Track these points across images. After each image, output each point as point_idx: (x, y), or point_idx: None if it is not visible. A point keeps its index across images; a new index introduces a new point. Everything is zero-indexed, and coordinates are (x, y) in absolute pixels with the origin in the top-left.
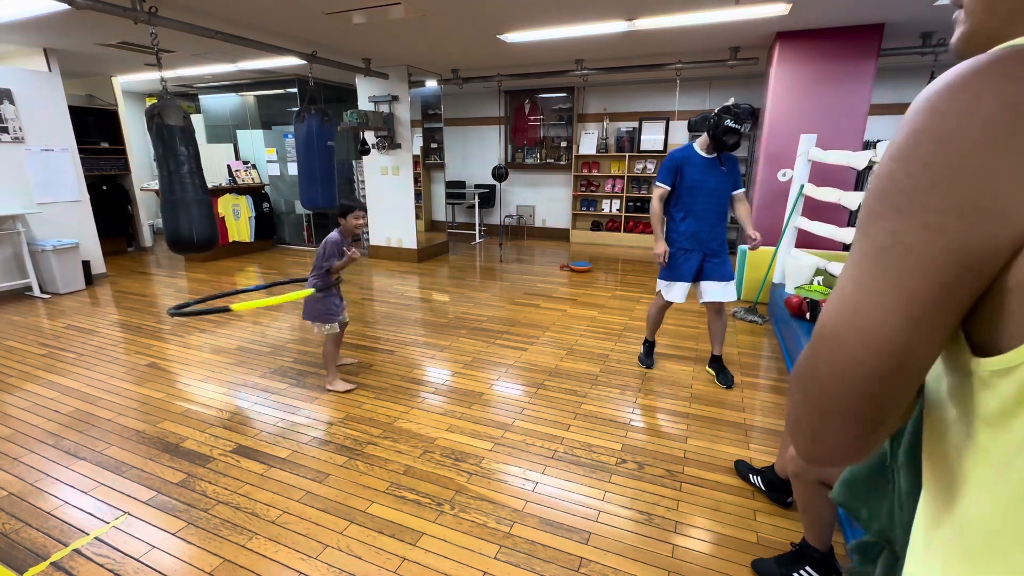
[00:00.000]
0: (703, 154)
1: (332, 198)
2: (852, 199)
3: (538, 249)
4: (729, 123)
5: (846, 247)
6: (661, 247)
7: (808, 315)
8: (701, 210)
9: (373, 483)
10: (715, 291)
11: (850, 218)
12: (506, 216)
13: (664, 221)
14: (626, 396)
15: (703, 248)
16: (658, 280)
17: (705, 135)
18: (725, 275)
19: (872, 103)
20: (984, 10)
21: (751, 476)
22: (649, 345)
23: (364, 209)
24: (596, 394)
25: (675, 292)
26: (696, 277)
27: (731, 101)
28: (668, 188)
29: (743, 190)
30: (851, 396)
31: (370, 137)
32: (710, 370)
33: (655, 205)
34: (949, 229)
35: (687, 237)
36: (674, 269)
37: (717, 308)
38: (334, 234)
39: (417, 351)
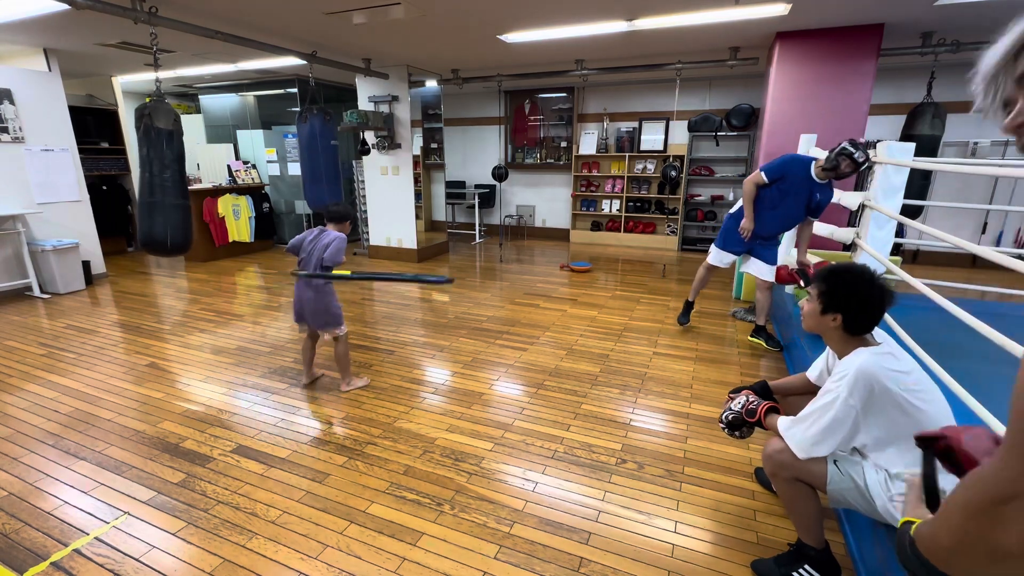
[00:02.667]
0: (814, 173)
1: (338, 197)
2: (852, 199)
3: (538, 249)
4: (846, 147)
5: (846, 247)
6: (749, 224)
7: (801, 283)
8: (778, 214)
9: (373, 483)
10: (756, 267)
11: (850, 218)
12: (506, 216)
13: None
14: (626, 396)
15: (755, 239)
16: (712, 246)
17: (825, 158)
18: (768, 258)
19: (872, 103)
20: None
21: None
22: (688, 305)
23: None
24: (596, 394)
25: (722, 258)
26: (747, 252)
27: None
28: (767, 182)
29: (815, 219)
30: None
31: (370, 137)
32: (758, 339)
33: (749, 188)
34: None
35: (760, 234)
36: (729, 243)
37: (761, 285)
38: (342, 235)
39: (417, 351)
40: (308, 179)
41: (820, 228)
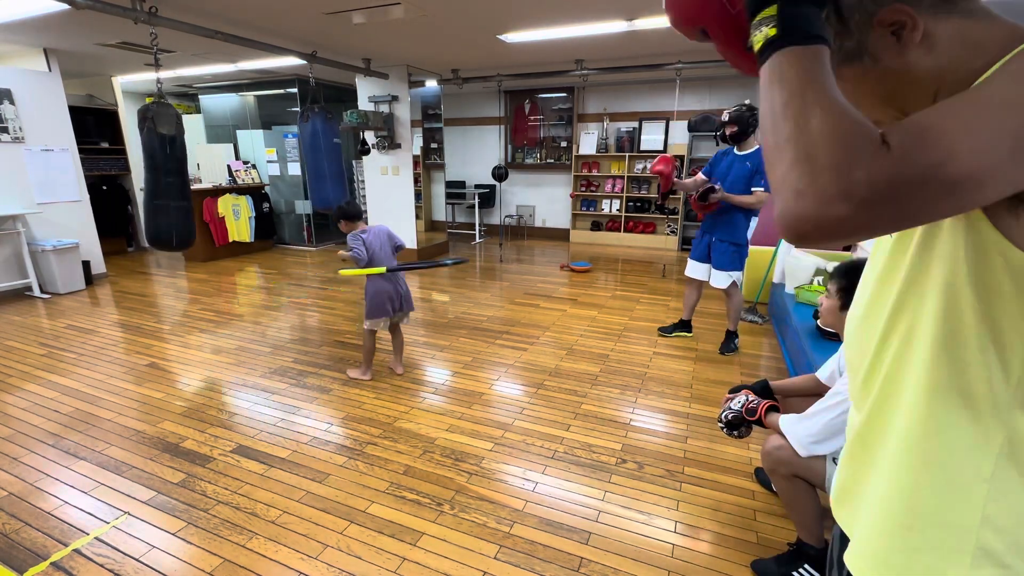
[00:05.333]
0: (736, 152)
1: (343, 196)
2: None
3: (538, 249)
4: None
5: (846, 247)
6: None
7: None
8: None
9: (373, 483)
10: (713, 277)
11: None
12: (506, 216)
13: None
14: (626, 396)
15: (716, 233)
16: None
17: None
18: (718, 263)
19: None
20: (895, 111)
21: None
22: (682, 323)
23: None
24: (596, 394)
25: (688, 268)
26: (706, 259)
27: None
28: (704, 178)
29: (760, 189)
30: (937, 195)
31: (370, 137)
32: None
33: (700, 178)
34: None
35: (705, 223)
36: (692, 248)
37: (721, 290)
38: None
39: (417, 351)
40: (312, 178)
41: None
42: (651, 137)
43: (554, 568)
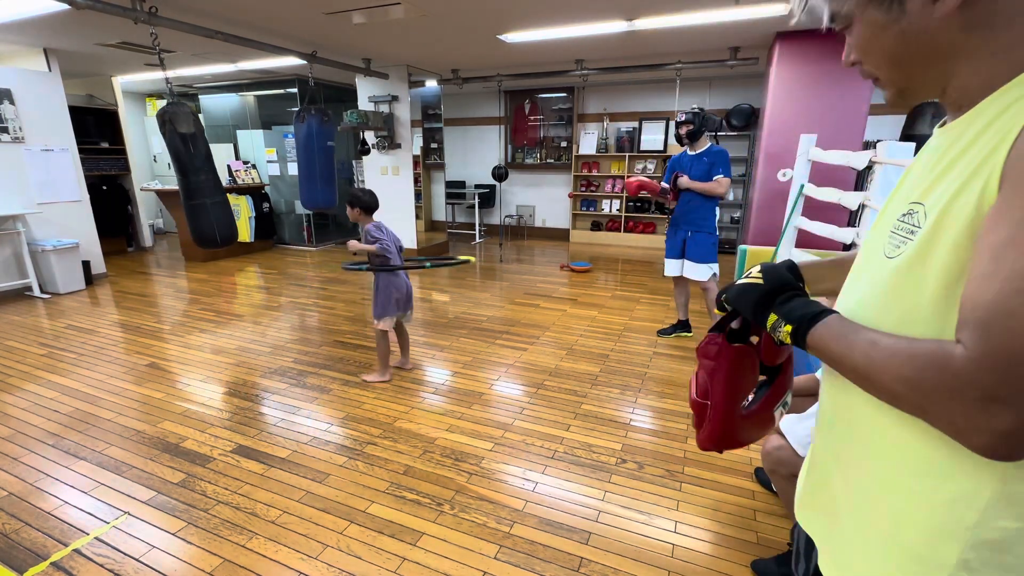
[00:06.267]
0: (689, 153)
1: (332, 198)
2: (852, 199)
3: (538, 249)
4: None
5: (846, 247)
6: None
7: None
8: (682, 197)
9: (373, 483)
10: (689, 269)
11: (850, 218)
12: (506, 216)
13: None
14: (626, 396)
15: (685, 227)
16: None
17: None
18: (694, 256)
19: (872, 103)
20: (901, 77)
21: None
22: (680, 323)
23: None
24: (596, 394)
25: (667, 268)
26: (680, 255)
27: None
28: (668, 185)
29: (720, 176)
30: None
31: (370, 137)
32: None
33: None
34: None
35: (673, 219)
36: (667, 248)
37: (699, 286)
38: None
39: (417, 351)
40: (304, 179)
41: (820, 228)
42: (651, 137)
43: (554, 568)
